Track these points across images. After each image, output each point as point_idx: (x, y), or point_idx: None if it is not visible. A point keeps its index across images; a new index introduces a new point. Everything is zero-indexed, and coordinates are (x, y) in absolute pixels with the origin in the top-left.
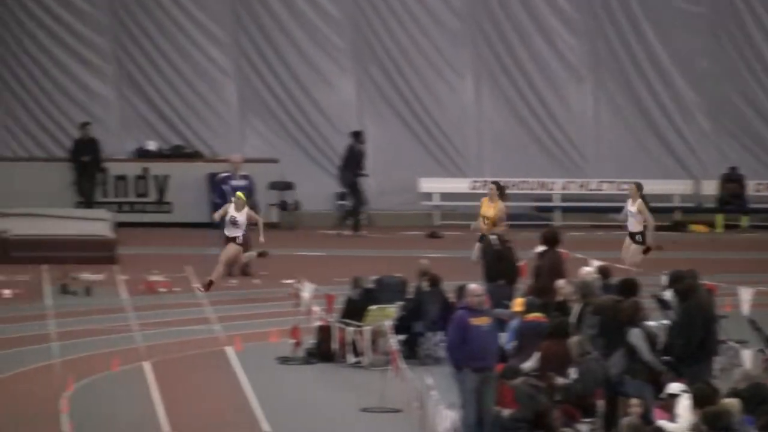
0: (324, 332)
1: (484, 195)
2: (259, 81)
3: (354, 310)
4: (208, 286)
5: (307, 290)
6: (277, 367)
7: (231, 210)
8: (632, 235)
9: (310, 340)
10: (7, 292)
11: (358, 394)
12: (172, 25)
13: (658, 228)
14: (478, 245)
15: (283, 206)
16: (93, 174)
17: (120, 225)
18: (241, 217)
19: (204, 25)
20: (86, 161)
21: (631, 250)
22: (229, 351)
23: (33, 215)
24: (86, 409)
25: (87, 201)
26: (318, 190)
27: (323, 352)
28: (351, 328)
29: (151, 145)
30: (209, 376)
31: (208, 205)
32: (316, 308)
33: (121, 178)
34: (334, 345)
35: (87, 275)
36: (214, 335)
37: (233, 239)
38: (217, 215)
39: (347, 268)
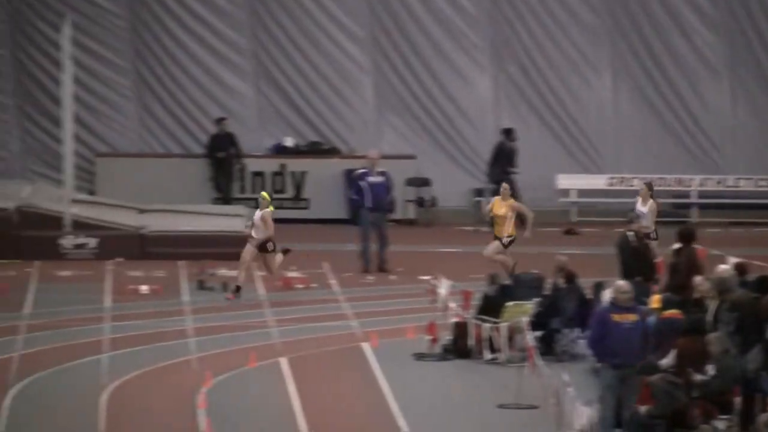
0: (460, 328)
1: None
2: (396, 77)
3: (491, 307)
4: (237, 291)
5: (443, 287)
6: (413, 363)
7: (257, 211)
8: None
9: (446, 337)
10: (144, 288)
11: (494, 391)
12: (310, 22)
13: None
14: (495, 243)
15: (419, 202)
16: (230, 170)
17: None
18: (257, 217)
19: (341, 22)
20: (222, 157)
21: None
22: (366, 347)
23: (170, 211)
24: (223, 405)
25: (224, 197)
26: (455, 187)
27: (460, 348)
28: (487, 325)
29: (289, 142)
30: (345, 373)
31: (344, 202)
32: (452, 304)
33: (259, 174)
34: (471, 341)
35: (224, 271)
36: (351, 331)
37: (261, 246)
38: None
39: (484, 264)
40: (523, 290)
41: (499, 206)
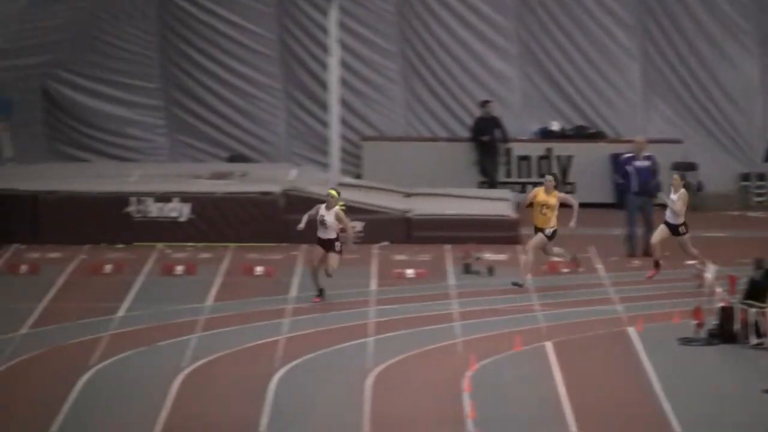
0: (726, 313)
1: None
2: (663, 62)
3: (757, 291)
4: (321, 295)
5: (710, 271)
6: (679, 348)
7: (322, 209)
8: (674, 227)
9: (712, 321)
10: (410, 272)
11: (760, 376)
12: (576, 6)
13: None
14: (539, 236)
15: (686, 187)
16: (495, 154)
17: None
18: (329, 218)
19: (608, 7)
20: (487, 141)
21: (683, 240)
22: (631, 332)
23: (436, 195)
24: (488, 389)
25: (490, 181)
26: (721, 171)
27: (725, 333)
28: (753, 310)
29: (555, 126)
30: (610, 357)
31: (610, 186)
32: (718, 289)
33: (524, 158)
34: (737, 326)
35: (489, 255)
36: (616, 316)
37: (325, 242)
38: (307, 214)
39: (751, 249)
40: None
41: (546, 197)
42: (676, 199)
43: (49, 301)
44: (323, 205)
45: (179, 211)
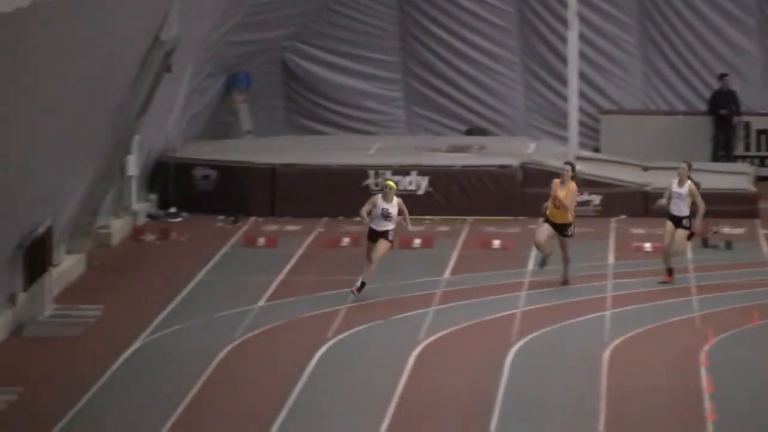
0: None
1: None
2: None
3: None
4: (360, 288)
5: None
6: None
7: (380, 201)
8: (678, 220)
9: None
10: (647, 246)
11: None
12: None
13: None
14: (545, 225)
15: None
16: (733, 127)
17: (761, 179)
18: (393, 209)
19: None
20: (724, 114)
21: (678, 237)
22: None
23: (674, 169)
24: (725, 363)
25: (727, 155)
26: None
27: None
28: None
29: None
30: None
31: None
32: None
33: (763, 132)
34: None
35: (728, 229)
36: None
37: (383, 234)
38: (364, 210)
39: None
40: None
41: (560, 190)
42: (683, 192)
43: (287, 274)
44: (379, 197)
45: (417, 184)
